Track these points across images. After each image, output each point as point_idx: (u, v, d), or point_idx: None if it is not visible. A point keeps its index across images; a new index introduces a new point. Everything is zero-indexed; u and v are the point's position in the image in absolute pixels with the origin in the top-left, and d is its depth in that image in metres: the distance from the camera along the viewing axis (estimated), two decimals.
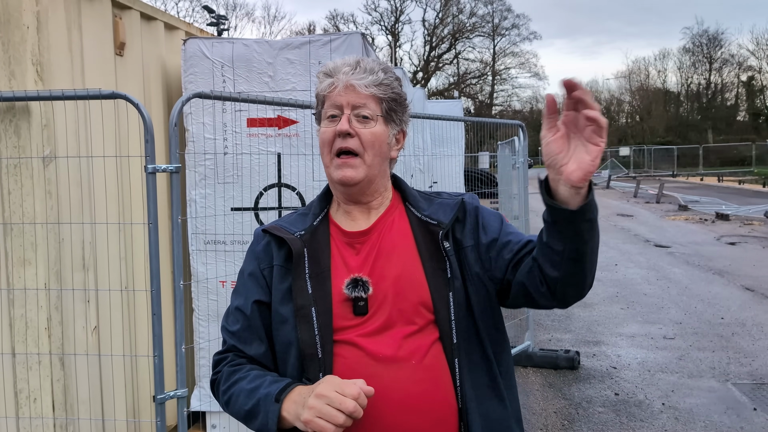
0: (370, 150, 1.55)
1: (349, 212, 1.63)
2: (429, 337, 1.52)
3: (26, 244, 3.13)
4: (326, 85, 1.55)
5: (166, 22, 4.36)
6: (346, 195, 1.61)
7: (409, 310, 1.52)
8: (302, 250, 1.56)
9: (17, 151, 3.11)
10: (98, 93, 3.04)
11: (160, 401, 3.02)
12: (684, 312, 7.96)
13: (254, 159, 4.09)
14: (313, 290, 1.53)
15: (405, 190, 1.68)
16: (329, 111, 1.55)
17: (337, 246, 1.60)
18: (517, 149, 7.26)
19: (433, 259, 1.56)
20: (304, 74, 4.08)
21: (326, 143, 1.56)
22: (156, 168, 2.98)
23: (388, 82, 1.56)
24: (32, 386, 3.17)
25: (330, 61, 1.61)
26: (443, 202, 1.64)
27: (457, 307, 1.53)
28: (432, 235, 1.58)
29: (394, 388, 1.46)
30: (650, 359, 6.26)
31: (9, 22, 3.07)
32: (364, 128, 1.54)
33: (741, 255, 11.89)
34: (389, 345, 1.49)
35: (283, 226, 1.62)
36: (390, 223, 1.62)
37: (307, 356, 1.49)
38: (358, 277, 1.54)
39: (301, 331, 1.50)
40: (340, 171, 1.54)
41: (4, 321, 3.17)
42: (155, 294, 3.01)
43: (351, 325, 1.51)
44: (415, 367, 1.48)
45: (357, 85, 1.53)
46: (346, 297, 1.52)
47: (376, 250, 1.58)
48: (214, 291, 4.13)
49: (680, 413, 4.97)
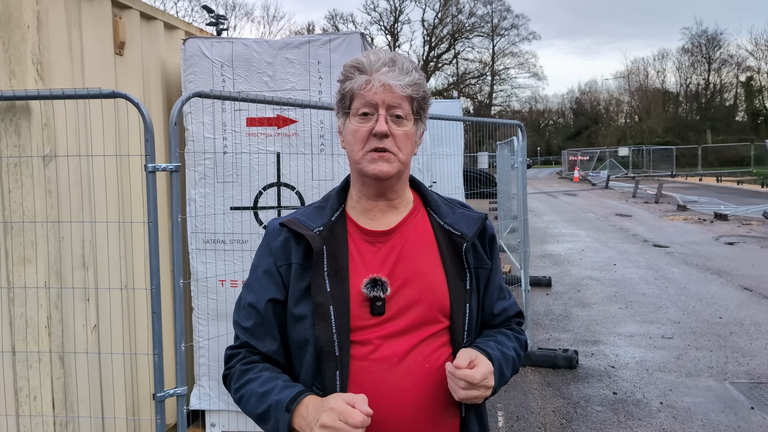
0: (404, 149, 1.55)
1: (369, 210, 1.62)
2: (441, 342, 1.56)
3: (26, 243, 3.14)
4: (361, 83, 1.52)
5: (166, 21, 4.37)
6: (376, 189, 1.59)
7: (427, 315, 1.55)
8: (322, 248, 1.54)
9: (17, 150, 3.12)
10: (98, 92, 3.05)
11: (160, 399, 3.03)
12: (682, 312, 7.97)
13: (253, 158, 4.10)
14: (332, 288, 1.52)
15: (426, 194, 1.68)
16: (362, 109, 1.53)
17: (355, 243, 1.59)
18: (515, 149, 7.27)
19: (455, 268, 1.59)
20: (303, 74, 4.09)
21: (360, 140, 1.53)
22: (156, 167, 2.99)
23: (420, 82, 1.55)
24: (32, 384, 3.18)
25: (361, 55, 1.57)
26: (465, 213, 1.67)
27: (470, 320, 1.59)
28: (455, 245, 1.60)
29: (406, 390, 1.50)
30: (648, 358, 6.27)
31: (9, 22, 3.08)
32: (399, 128, 1.53)
33: (739, 255, 11.91)
34: (404, 348, 1.52)
35: (300, 220, 1.59)
36: (413, 225, 1.63)
37: (324, 354, 1.50)
38: (377, 277, 1.54)
39: (320, 329, 1.50)
40: (375, 165, 1.52)
41: (4, 319, 3.18)
42: (155, 292, 3.02)
43: (368, 325, 1.52)
44: (428, 370, 1.52)
45: (394, 85, 1.51)
46: (364, 296, 1.52)
47: (398, 251, 1.58)
48: (214, 290, 4.14)
49: (678, 412, 4.99)
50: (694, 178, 39.87)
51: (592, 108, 70.89)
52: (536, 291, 9.13)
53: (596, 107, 70.62)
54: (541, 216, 19.52)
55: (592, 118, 68.62)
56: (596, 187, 33.48)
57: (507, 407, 5.16)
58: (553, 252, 12.76)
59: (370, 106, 1.52)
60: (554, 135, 72.67)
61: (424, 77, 1.59)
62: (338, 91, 1.58)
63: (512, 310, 1.75)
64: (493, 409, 5.11)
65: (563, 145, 61.33)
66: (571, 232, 15.57)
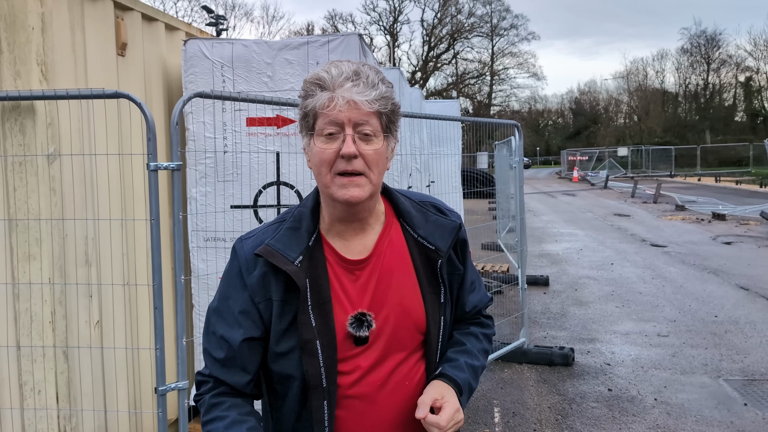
0: (375, 168, 1.46)
1: (341, 233, 1.55)
2: (416, 357, 1.60)
3: (31, 240, 3.21)
4: (324, 100, 1.41)
5: (167, 22, 4.43)
6: (347, 214, 1.52)
7: (406, 336, 1.57)
8: (305, 283, 1.48)
9: (22, 149, 3.18)
10: (102, 92, 3.12)
11: (162, 393, 3.09)
12: (678, 310, 8.04)
13: (253, 157, 4.17)
14: (317, 323, 1.48)
15: (397, 203, 1.61)
16: (327, 128, 1.42)
17: (334, 272, 1.53)
18: (513, 149, 7.34)
19: (430, 284, 1.58)
20: (302, 74, 4.15)
21: (325, 163, 1.43)
22: (158, 166, 3.06)
23: (388, 95, 1.45)
24: (37, 378, 3.24)
25: (320, 68, 1.46)
26: (439, 222, 1.61)
27: (444, 330, 1.62)
28: (429, 260, 1.58)
29: (391, 409, 1.55)
30: (644, 356, 6.34)
31: (14, 23, 3.15)
32: (368, 147, 1.43)
33: (736, 254, 11.98)
34: (386, 370, 1.55)
35: (277, 249, 1.49)
36: (387, 243, 1.58)
37: (311, 387, 1.48)
38: (361, 314, 1.51)
39: (307, 364, 1.47)
40: (345, 191, 1.43)
41: (9, 315, 3.24)
42: (157, 288, 3.08)
43: (352, 354, 1.52)
44: (408, 387, 1.57)
45: (360, 101, 1.40)
46: (348, 334, 1.50)
47: (376, 277, 1.54)
48: (214, 287, 4.20)
49: (672, 408, 5.06)
50: (692, 178, 39.96)
51: (592, 108, 71.00)
52: (534, 290, 9.20)
53: (595, 107, 70.74)
54: (540, 216, 19.58)
55: (592, 119, 68.72)
56: (595, 187, 33.56)
57: (503, 403, 5.23)
58: (552, 251, 12.83)
59: (335, 125, 1.41)
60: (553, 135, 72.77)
61: (392, 87, 1.49)
62: (300, 108, 1.47)
63: (482, 301, 1.76)
64: (489, 405, 5.19)
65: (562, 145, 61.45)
66: (570, 231, 15.64)
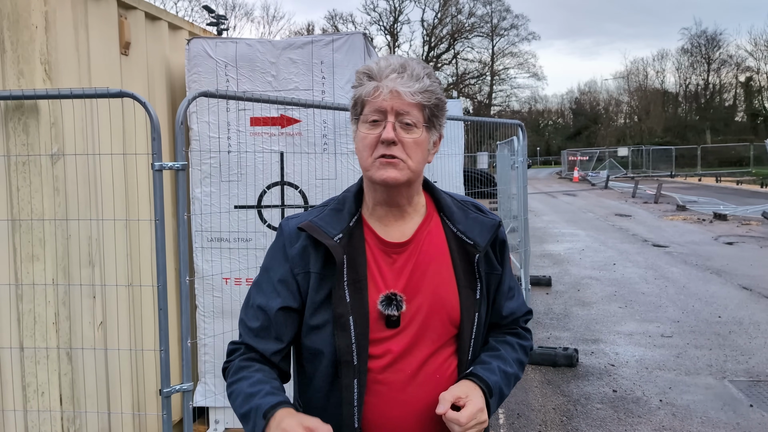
0: (414, 156, 1.52)
1: (382, 217, 1.61)
2: (449, 352, 1.61)
3: (34, 240, 3.18)
4: (370, 89, 1.51)
5: (170, 22, 4.41)
6: (386, 196, 1.58)
7: (438, 327, 1.58)
8: (343, 258, 1.54)
9: (26, 149, 3.16)
10: (106, 92, 3.09)
11: (166, 395, 3.07)
12: (682, 311, 8.02)
13: (257, 157, 4.15)
14: (351, 299, 1.53)
15: (439, 199, 1.67)
16: (371, 116, 1.51)
17: (372, 253, 1.58)
18: (515, 149, 7.32)
19: (466, 278, 1.61)
20: (306, 74, 4.13)
21: (368, 147, 1.52)
22: (163, 165, 3.04)
23: (432, 89, 1.52)
24: (40, 380, 3.22)
25: (371, 61, 1.56)
26: (479, 219, 1.66)
27: (478, 328, 1.63)
28: (468, 255, 1.61)
29: (420, 402, 1.55)
30: (648, 357, 6.32)
31: (18, 22, 3.12)
32: (408, 136, 1.51)
33: (738, 255, 11.96)
34: (417, 360, 1.56)
35: (319, 225, 1.57)
36: (427, 234, 1.62)
37: (342, 363, 1.52)
38: (392, 294, 1.55)
39: (339, 338, 1.51)
40: (383, 171, 1.51)
41: (12, 316, 3.22)
42: (161, 289, 3.06)
43: (383, 337, 1.55)
44: (438, 381, 1.57)
45: (403, 92, 1.48)
46: (379, 313, 1.54)
47: (412, 263, 1.59)
48: (218, 288, 4.18)
49: (677, 409, 5.03)
50: (693, 178, 39.92)
51: (592, 108, 70.96)
52: (536, 290, 9.17)
53: (596, 107, 70.69)
54: (541, 216, 19.56)
55: (592, 119, 68.68)
56: (596, 187, 33.53)
57: (508, 405, 5.20)
58: (553, 251, 12.80)
59: (379, 112, 1.50)
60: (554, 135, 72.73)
61: (438, 82, 1.55)
62: (351, 97, 1.58)
63: (520, 310, 1.77)
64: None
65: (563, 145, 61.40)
66: (571, 231, 15.61)
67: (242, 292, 4.19)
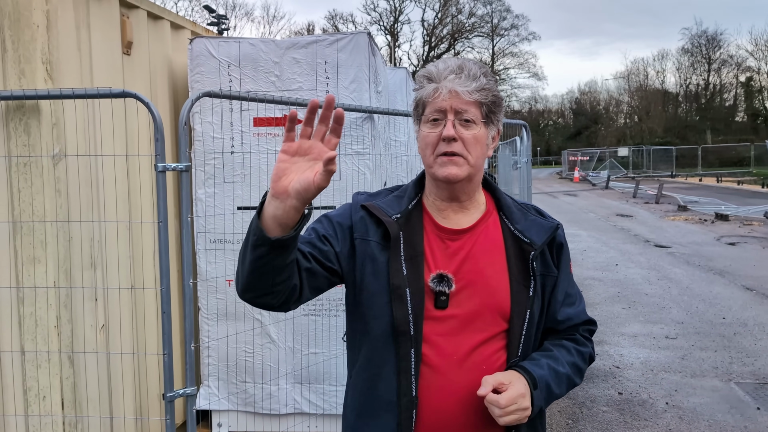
0: (473, 151, 1.61)
1: (442, 209, 1.68)
2: (498, 346, 1.62)
3: (36, 243, 3.14)
4: (430, 91, 1.60)
5: (173, 21, 4.37)
6: (448, 192, 1.66)
7: (486, 316, 1.61)
8: (398, 234, 1.62)
9: (27, 150, 3.11)
10: (108, 92, 3.05)
11: (170, 399, 3.02)
12: (686, 312, 7.98)
13: (261, 158, 4.10)
14: (408, 272, 1.59)
15: (499, 198, 1.74)
16: (432, 115, 1.60)
17: (428, 238, 1.65)
18: (518, 149, 7.28)
19: (520, 274, 1.65)
20: (310, 74, 4.08)
21: (430, 145, 1.61)
22: (166, 167, 2.99)
23: (489, 87, 1.61)
24: (42, 384, 3.17)
25: (431, 64, 1.65)
26: (537, 221, 1.72)
27: (529, 325, 1.64)
28: (523, 252, 1.66)
29: (463, 388, 1.56)
30: (653, 359, 6.28)
31: (19, 21, 3.07)
32: (467, 132, 1.59)
33: (741, 255, 11.92)
34: (465, 347, 1.59)
35: (380, 206, 1.66)
36: (485, 228, 1.69)
37: (400, 333, 1.57)
38: (444, 273, 1.60)
39: (396, 309, 1.57)
40: (445, 168, 1.59)
41: (13, 319, 3.17)
42: (165, 292, 3.02)
43: (431, 316, 1.59)
44: (486, 371, 1.57)
45: (461, 91, 1.57)
46: (429, 289, 1.59)
47: (465, 252, 1.64)
48: (221, 290, 4.13)
49: (684, 412, 4.99)
50: (694, 178, 39.87)
51: (592, 108, 70.91)
52: None
53: (596, 107, 70.64)
54: None
55: (592, 119, 68.64)
56: (596, 188, 33.48)
57: None
58: None
59: (439, 112, 1.59)
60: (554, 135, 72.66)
61: (495, 80, 1.65)
62: (413, 100, 1.68)
63: (579, 317, 1.77)
64: None
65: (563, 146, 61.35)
66: (573, 232, 15.54)
67: None
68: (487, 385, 1.50)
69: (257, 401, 4.16)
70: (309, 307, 4.09)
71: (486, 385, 1.50)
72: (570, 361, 1.70)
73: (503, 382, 1.52)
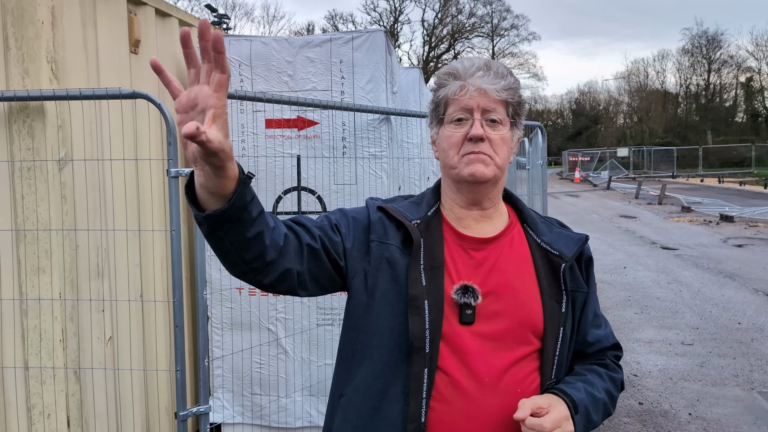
0: (500, 153, 1.51)
1: (462, 218, 1.56)
2: (532, 367, 1.48)
3: (40, 252, 2.97)
4: (456, 88, 1.49)
5: (181, 19, 4.20)
6: (471, 196, 1.53)
7: (518, 333, 1.46)
8: (420, 240, 1.49)
9: (31, 154, 2.94)
10: (118, 92, 2.88)
11: (183, 418, 2.86)
12: (699, 317, 7.82)
13: (273, 161, 3.94)
14: (427, 283, 1.45)
15: (522, 210, 1.63)
16: (457, 114, 1.50)
17: (449, 248, 1.52)
18: (527, 150, 7.12)
19: (551, 289, 1.51)
20: (324, 73, 3.92)
21: (454, 145, 1.50)
22: (179, 172, 2.83)
23: (515, 87, 1.52)
24: (46, 401, 3.00)
25: (455, 62, 1.55)
26: (564, 233, 1.61)
27: (562, 345, 1.50)
28: (552, 265, 1.53)
29: (493, 413, 1.41)
30: (671, 366, 6.11)
31: (23, 17, 2.91)
32: (495, 132, 1.50)
33: (750, 257, 11.77)
34: (496, 367, 1.43)
35: (398, 209, 1.53)
36: (509, 239, 1.56)
37: (414, 349, 1.42)
38: (469, 284, 1.47)
39: (412, 323, 1.42)
40: (472, 166, 1.48)
41: (17, 333, 3.00)
42: (178, 305, 2.85)
43: (453, 332, 1.44)
44: (520, 396, 1.42)
45: (489, 90, 1.48)
46: (453, 302, 1.45)
47: (491, 263, 1.51)
48: (232, 299, 3.97)
49: (708, 424, 4.83)
50: (695, 179, 39.76)
51: (592, 108, 70.80)
52: None
53: (596, 108, 70.53)
54: None
55: (592, 119, 68.54)
56: (598, 188, 33.33)
57: None
58: None
59: (465, 110, 1.49)
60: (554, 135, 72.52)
61: (519, 82, 1.56)
62: (431, 100, 1.57)
63: (608, 341, 1.64)
64: None
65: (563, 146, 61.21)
66: None
67: (256, 303, 3.98)
68: (525, 409, 1.36)
69: (269, 414, 3.99)
70: (323, 317, 3.93)
71: (524, 408, 1.36)
72: (604, 387, 1.57)
73: (542, 405, 1.39)
